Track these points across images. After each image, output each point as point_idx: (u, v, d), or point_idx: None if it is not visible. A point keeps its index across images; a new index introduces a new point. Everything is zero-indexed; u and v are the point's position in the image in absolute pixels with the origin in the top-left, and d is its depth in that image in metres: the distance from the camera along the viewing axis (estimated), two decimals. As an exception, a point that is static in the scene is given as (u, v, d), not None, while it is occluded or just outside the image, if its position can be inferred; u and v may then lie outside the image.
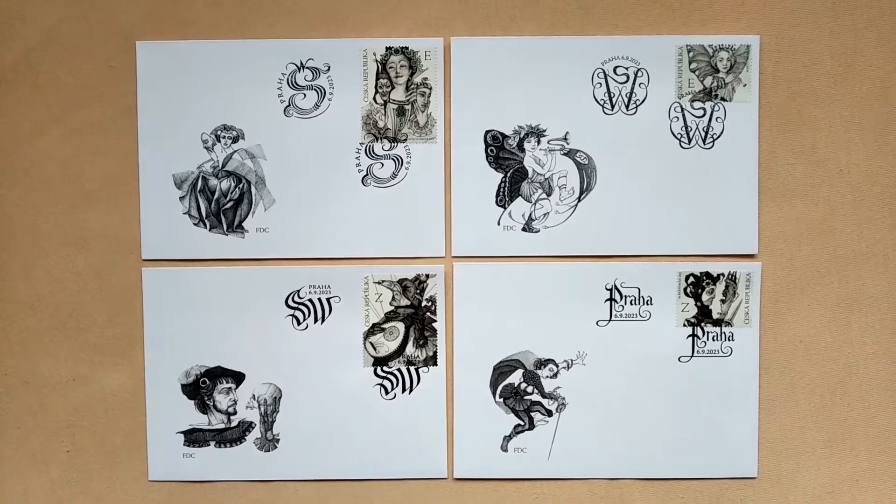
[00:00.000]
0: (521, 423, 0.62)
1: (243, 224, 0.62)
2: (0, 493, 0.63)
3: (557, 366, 0.62)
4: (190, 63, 0.61)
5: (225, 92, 0.61)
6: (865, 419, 0.62)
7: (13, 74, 0.61)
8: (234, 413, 0.62)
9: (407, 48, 0.61)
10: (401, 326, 0.62)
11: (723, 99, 0.61)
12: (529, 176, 0.61)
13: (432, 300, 0.62)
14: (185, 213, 0.62)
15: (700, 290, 0.62)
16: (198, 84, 0.61)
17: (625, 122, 0.61)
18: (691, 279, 0.62)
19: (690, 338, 0.62)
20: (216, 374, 0.62)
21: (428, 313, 0.62)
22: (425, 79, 0.61)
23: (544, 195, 0.61)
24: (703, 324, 0.62)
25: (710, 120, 0.61)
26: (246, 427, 0.62)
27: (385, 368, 0.62)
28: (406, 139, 0.61)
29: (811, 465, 0.63)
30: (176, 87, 0.61)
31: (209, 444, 0.62)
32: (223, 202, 0.61)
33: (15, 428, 0.62)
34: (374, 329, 0.62)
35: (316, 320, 0.62)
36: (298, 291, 0.62)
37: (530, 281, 0.61)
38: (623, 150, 0.61)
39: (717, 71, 0.61)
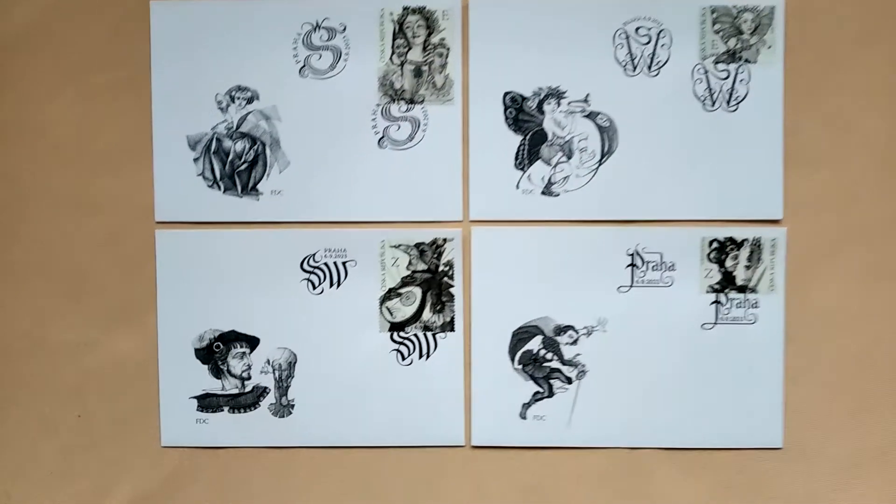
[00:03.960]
0: (541, 390, 0.61)
1: (258, 186, 0.61)
2: (10, 457, 0.62)
3: (577, 332, 0.61)
4: (204, 23, 0.60)
5: (239, 52, 0.60)
6: (893, 389, 0.61)
7: (26, 36, 0.60)
8: (249, 378, 0.61)
9: (424, 8, 0.60)
10: (417, 291, 0.61)
11: (747, 61, 0.60)
12: (549, 139, 0.60)
13: (449, 265, 0.61)
14: (199, 175, 0.61)
15: (724, 256, 0.60)
16: (212, 44, 0.60)
17: (647, 83, 0.60)
18: (715, 245, 0.60)
19: (714, 305, 0.60)
20: (230, 339, 0.61)
21: (445, 278, 0.61)
22: (443, 39, 0.60)
23: (564, 158, 0.60)
24: (726, 290, 0.60)
25: (734, 82, 0.60)
26: (260, 392, 0.61)
27: (401, 334, 0.61)
28: (423, 101, 0.60)
29: (837, 436, 0.61)
30: (190, 47, 0.60)
31: (223, 410, 0.61)
32: (237, 164, 0.61)
33: (25, 392, 0.62)
34: (391, 294, 0.61)
35: (331, 285, 0.61)
36: (314, 255, 0.61)
37: (550, 246, 0.60)
38: (645, 112, 0.60)
39: (742, 32, 0.60)
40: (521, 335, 0.61)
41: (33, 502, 0.62)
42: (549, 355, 0.61)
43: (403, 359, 0.61)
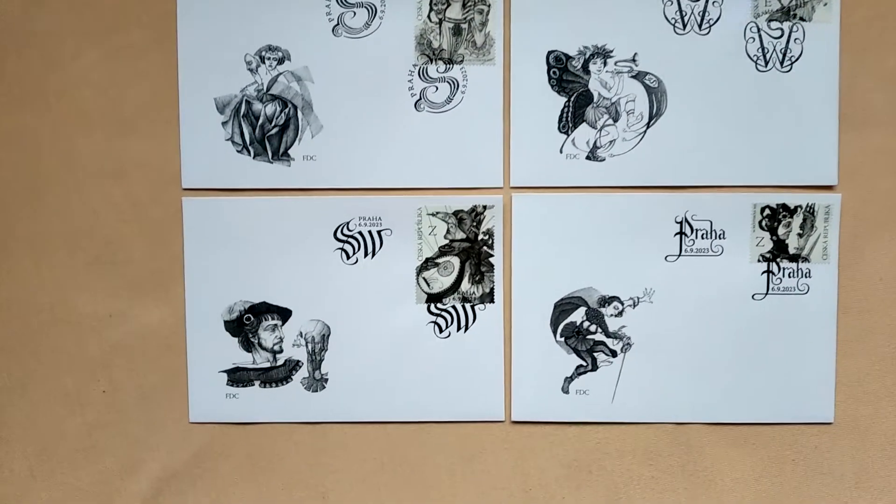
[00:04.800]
0: (584, 363, 0.59)
1: (289, 151, 0.58)
2: (34, 434, 0.60)
3: (623, 304, 0.58)
4: (232, -20, 0.57)
5: (270, 10, 0.57)
6: (949, 362, 0.59)
7: (45, -9, 0.58)
8: (281, 351, 0.59)
9: (464, -38, 0.57)
10: (456, 261, 0.59)
11: (802, 18, 0.57)
12: (595, 100, 0.58)
13: (489, 233, 0.58)
14: (227, 140, 0.58)
15: (776, 224, 0.58)
16: (241, 2, 0.57)
17: (697, 42, 0.57)
18: (767, 211, 0.58)
19: (765, 274, 0.58)
20: (261, 311, 0.59)
21: (485, 247, 0.58)
22: (483, -4, 0.57)
23: (610, 121, 0.58)
24: (778, 259, 0.58)
25: (788, 41, 0.57)
26: (293, 366, 0.59)
27: (439, 305, 0.59)
28: (462, 60, 0.57)
29: (890, 411, 0.59)
30: (218, 5, 0.57)
31: (254, 384, 0.59)
32: (268, 128, 0.58)
33: (48, 367, 0.59)
34: (428, 264, 0.59)
35: (366, 254, 0.58)
36: (348, 224, 0.58)
37: (594, 213, 0.58)
38: (695, 72, 0.57)
39: (796, -12, 0.57)
40: (564, 306, 0.59)
41: (58, 480, 0.60)
42: (592, 327, 0.59)
43: (441, 331, 0.59)
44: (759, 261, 0.58)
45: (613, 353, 0.59)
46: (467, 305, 0.59)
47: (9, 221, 0.59)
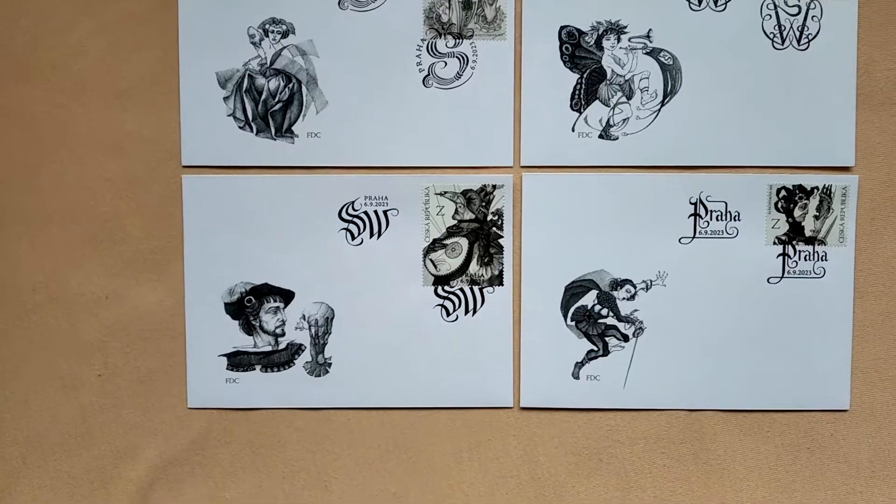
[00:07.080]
0: (595, 348, 0.57)
1: (293, 128, 0.56)
2: (27, 419, 0.58)
3: (635, 287, 0.57)
4: (235, -50, 0.55)
5: (274, -18, 0.56)
6: (967, 349, 0.58)
7: (41, -39, 0.56)
8: (283, 335, 0.57)
9: (475, -65, 0.55)
10: (464, 242, 0.57)
11: (819, -5, 0.56)
12: (608, 77, 0.56)
13: (499, 214, 0.57)
14: (229, 116, 0.56)
15: (792, 205, 0.56)
16: (244, -27, 0.56)
17: (713, 18, 0.56)
18: (783, 193, 0.56)
19: (781, 257, 0.57)
20: (263, 292, 0.57)
21: (494, 228, 0.57)
22: (494, -31, 0.55)
23: (624, 99, 0.56)
24: (794, 242, 0.57)
25: (805, 18, 0.56)
26: (295, 350, 0.57)
27: (446, 288, 0.57)
28: (472, 35, 0.56)
29: (908, 398, 0.58)
30: (220, -24, 0.56)
31: (254, 369, 0.57)
32: (271, 104, 0.56)
33: (42, 349, 0.57)
34: (435, 245, 0.57)
35: (372, 235, 0.57)
36: (353, 203, 0.56)
37: (607, 193, 0.56)
38: (711, 49, 0.56)
39: (814, -35, 0.56)
40: (575, 290, 0.57)
41: (50, 467, 0.58)
42: (604, 311, 0.57)
43: (448, 315, 0.57)
44: (774, 243, 0.57)
45: (625, 338, 0.57)
46: (475, 288, 0.57)
47: (2, 197, 0.57)
